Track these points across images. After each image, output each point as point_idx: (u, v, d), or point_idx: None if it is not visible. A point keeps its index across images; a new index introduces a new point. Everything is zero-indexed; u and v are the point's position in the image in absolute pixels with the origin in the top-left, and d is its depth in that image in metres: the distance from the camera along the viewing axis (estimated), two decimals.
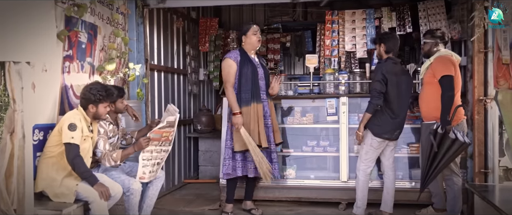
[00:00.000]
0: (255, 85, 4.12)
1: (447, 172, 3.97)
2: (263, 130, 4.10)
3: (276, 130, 4.26)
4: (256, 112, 4.09)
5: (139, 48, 4.70)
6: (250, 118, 4.08)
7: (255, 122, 4.08)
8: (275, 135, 4.24)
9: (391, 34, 4.17)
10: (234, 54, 4.18)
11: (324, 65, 5.58)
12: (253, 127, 4.07)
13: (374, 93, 3.92)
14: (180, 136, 5.93)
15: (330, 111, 4.64)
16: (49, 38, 3.30)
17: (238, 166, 4.18)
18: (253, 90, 4.10)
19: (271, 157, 4.19)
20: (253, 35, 4.18)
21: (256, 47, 4.23)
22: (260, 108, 4.12)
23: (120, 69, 4.43)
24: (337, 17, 5.41)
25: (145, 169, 3.60)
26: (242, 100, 4.10)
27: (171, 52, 5.71)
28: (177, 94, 5.85)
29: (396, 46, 4.04)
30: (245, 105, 4.09)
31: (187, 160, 6.16)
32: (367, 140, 4.04)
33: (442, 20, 4.90)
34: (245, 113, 4.09)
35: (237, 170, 4.18)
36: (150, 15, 5.04)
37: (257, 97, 4.10)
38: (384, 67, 3.95)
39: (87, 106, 3.40)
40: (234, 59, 4.14)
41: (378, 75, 3.92)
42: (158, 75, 5.30)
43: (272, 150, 4.19)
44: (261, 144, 4.06)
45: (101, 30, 4.12)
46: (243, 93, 4.11)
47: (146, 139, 3.56)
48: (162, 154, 3.73)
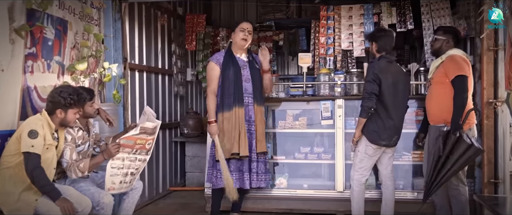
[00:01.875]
0: (237, 88, 3.81)
1: (455, 182, 3.64)
2: (244, 137, 3.78)
3: (259, 139, 3.90)
4: (237, 117, 3.77)
5: (116, 46, 4.33)
6: (232, 124, 3.77)
7: (236, 129, 3.77)
8: (258, 144, 3.88)
9: (384, 32, 3.83)
10: (217, 56, 3.92)
11: (318, 64, 5.36)
12: (235, 134, 3.77)
13: (365, 95, 3.61)
14: (165, 140, 5.61)
15: (325, 114, 4.36)
16: (3, 34, 2.92)
17: (219, 177, 3.87)
18: (236, 93, 3.79)
19: (250, 167, 3.86)
20: (240, 32, 3.85)
21: (240, 46, 3.90)
22: (242, 113, 3.80)
23: (96, 69, 4.06)
24: (332, 12, 5.12)
25: (114, 179, 3.24)
26: (225, 105, 3.81)
27: (155, 51, 5.36)
28: (162, 96, 5.50)
29: (390, 44, 3.73)
30: (227, 110, 3.80)
31: (173, 166, 5.85)
32: (361, 147, 3.70)
33: (446, 16, 4.63)
34: (227, 119, 3.79)
35: (218, 181, 3.87)
36: (131, 11, 4.69)
37: (239, 101, 3.79)
38: (377, 66, 3.64)
39: (55, 111, 3.06)
40: (216, 61, 3.87)
41: (369, 75, 3.62)
42: (140, 75, 4.94)
43: (253, 159, 3.86)
44: (239, 152, 3.74)
45: (72, 26, 3.76)
46: (226, 98, 3.82)
47: (116, 146, 3.21)
48: (137, 164, 3.36)
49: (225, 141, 3.79)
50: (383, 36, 3.73)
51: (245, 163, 3.85)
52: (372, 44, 3.77)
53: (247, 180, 3.84)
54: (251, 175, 3.88)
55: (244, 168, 3.86)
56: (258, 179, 3.92)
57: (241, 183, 3.84)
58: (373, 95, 3.56)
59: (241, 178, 3.85)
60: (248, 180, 3.86)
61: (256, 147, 3.88)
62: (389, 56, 3.71)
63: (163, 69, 5.55)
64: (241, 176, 3.86)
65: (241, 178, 3.85)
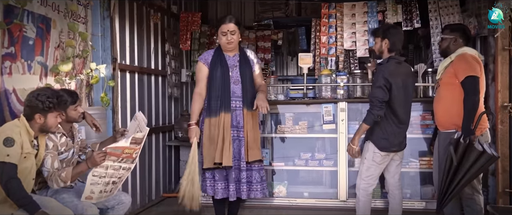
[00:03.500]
0: (224, 91, 3.51)
1: (469, 191, 3.40)
2: (229, 145, 3.48)
3: (251, 146, 3.57)
4: (223, 123, 3.49)
5: (105, 46, 4.07)
6: (217, 130, 3.49)
7: (220, 136, 3.48)
8: (249, 152, 3.55)
9: (397, 29, 3.55)
10: (206, 56, 3.63)
11: (319, 65, 5.15)
12: (219, 141, 3.48)
13: (376, 102, 3.31)
14: (159, 144, 5.35)
15: (326, 118, 4.18)
16: None
17: (209, 184, 3.62)
18: (223, 97, 3.51)
19: (240, 177, 3.56)
20: (222, 36, 3.54)
21: (226, 49, 3.60)
22: (228, 119, 3.49)
23: (82, 70, 3.80)
24: (334, 10, 4.93)
25: (94, 188, 2.98)
26: (211, 110, 3.52)
27: (148, 51, 5.11)
28: (155, 98, 5.25)
29: (401, 43, 3.47)
30: (213, 116, 3.51)
31: (167, 172, 5.59)
32: (368, 155, 3.44)
33: (456, 13, 4.43)
34: (214, 125, 3.51)
35: (208, 189, 3.62)
36: (121, 8, 4.43)
37: (226, 106, 3.50)
38: (387, 69, 3.35)
39: (33, 116, 2.81)
40: (204, 61, 3.59)
41: (380, 79, 3.31)
42: (131, 76, 4.68)
43: (241, 168, 3.55)
44: (222, 163, 3.46)
45: (56, 24, 3.50)
46: (212, 101, 3.53)
47: (101, 154, 2.94)
48: (121, 172, 3.11)
49: (211, 149, 3.51)
50: (397, 33, 3.45)
51: (232, 173, 3.55)
52: (383, 41, 3.44)
53: (233, 190, 3.55)
54: (241, 186, 3.57)
55: (230, 178, 3.56)
56: (251, 189, 3.61)
57: (227, 193, 3.56)
58: (384, 102, 3.29)
59: (226, 188, 3.58)
60: (234, 190, 3.56)
61: (247, 155, 3.56)
62: (399, 57, 3.45)
63: (156, 70, 5.30)
64: (226, 186, 3.59)
65: (227, 188, 3.58)
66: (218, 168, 3.54)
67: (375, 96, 3.31)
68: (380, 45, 3.45)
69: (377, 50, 3.50)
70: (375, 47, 3.54)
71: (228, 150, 3.46)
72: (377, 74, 3.38)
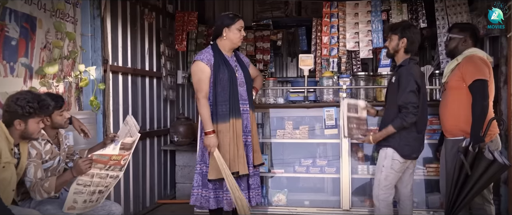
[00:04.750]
0: (233, 95, 3.35)
1: (479, 200, 3.23)
2: (243, 153, 3.35)
3: (255, 149, 3.48)
4: (235, 130, 3.33)
5: (95, 46, 3.88)
6: (229, 138, 3.33)
7: (234, 144, 3.33)
8: (255, 156, 3.45)
9: (417, 28, 3.33)
10: (207, 55, 3.37)
11: (321, 67, 4.96)
12: (232, 149, 3.32)
13: (411, 108, 3.04)
14: (154, 149, 5.17)
15: (328, 123, 3.98)
16: None
17: (211, 197, 3.41)
18: (232, 101, 3.34)
19: (249, 183, 3.43)
20: (238, 31, 3.40)
21: (236, 46, 3.48)
22: (239, 124, 3.35)
23: (71, 72, 3.61)
24: (336, 9, 4.75)
25: (77, 197, 2.78)
26: (219, 115, 3.33)
27: (142, 52, 4.92)
28: (149, 101, 5.06)
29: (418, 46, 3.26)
30: (222, 122, 3.33)
31: (162, 177, 5.41)
32: (386, 162, 3.22)
33: (464, 12, 4.26)
34: (223, 132, 3.33)
35: (210, 202, 3.41)
36: (113, 7, 4.25)
37: (236, 111, 3.35)
38: (414, 72, 3.13)
39: (12, 122, 2.64)
40: (207, 61, 3.35)
41: (412, 83, 3.06)
42: (124, 78, 4.49)
43: (251, 174, 3.43)
44: (239, 171, 3.31)
45: (42, 23, 3.32)
46: (219, 106, 3.35)
47: (87, 161, 2.73)
48: (108, 181, 2.90)
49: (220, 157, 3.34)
50: (417, 33, 3.23)
51: (242, 181, 3.42)
52: (400, 40, 3.18)
53: (246, 198, 3.41)
54: (250, 192, 3.45)
55: (242, 186, 3.42)
56: (254, 194, 3.51)
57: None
58: (417, 108, 3.08)
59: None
60: (247, 198, 3.42)
61: (254, 159, 3.46)
62: (416, 58, 3.25)
63: (150, 72, 5.10)
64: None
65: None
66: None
67: (409, 101, 3.05)
68: (396, 43, 3.20)
69: (392, 48, 3.23)
70: (389, 45, 3.25)
71: (243, 158, 3.33)
72: (405, 77, 3.10)
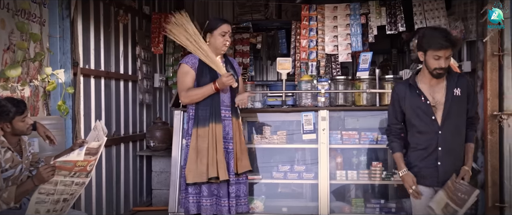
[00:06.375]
0: (214, 99, 3.31)
1: None
2: (222, 158, 3.28)
3: (239, 157, 3.41)
4: (214, 134, 3.28)
5: (64, 49, 3.73)
6: (208, 142, 3.27)
7: (213, 148, 3.27)
8: (238, 164, 3.38)
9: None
10: (191, 59, 3.38)
11: (299, 70, 4.95)
12: (211, 154, 3.26)
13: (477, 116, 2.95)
14: (129, 154, 5.03)
15: (306, 127, 3.89)
16: None
17: (192, 201, 3.35)
18: (212, 106, 3.30)
19: (229, 191, 3.34)
20: (221, 36, 3.33)
21: (220, 51, 3.40)
22: (220, 130, 3.30)
23: (37, 75, 3.45)
24: (315, 12, 4.73)
25: (39, 207, 2.64)
26: (199, 120, 3.30)
27: (116, 54, 4.77)
28: (124, 105, 4.92)
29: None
30: (201, 126, 3.29)
31: (138, 183, 5.25)
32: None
33: (441, 17, 4.28)
34: (202, 136, 3.28)
35: (190, 207, 3.35)
36: (85, 8, 4.11)
37: (216, 116, 3.30)
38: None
39: None
40: (191, 65, 3.35)
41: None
42: (96, 82, 4.35)
43: (231, 182, 3.34)
44: (219, 177, 3.24)
45: (4, 24, 3.18)
46: (200, 111, 3.32)
47: (49, 168, 2.59)
48: (73, 188, 2.77)
49: (198, 162, 3.29)
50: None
51: (222, 187, 3.33)
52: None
53: (225, 206, 3.33)
54: (230, 200, 3.35)
55: (221, 193, 3.34)
56: (238, 203, 3.42)
57: (217, 209, 3.34)
58: None
59: (217, 204, 3.34)
60: (226, 206, 3.34)
61: (237, 167, 3.39)
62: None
63: (125, 75, 4.96)
64: (217, 202, 3.35)
65: (218, 204, 3.34)
66: (207, 183, 3.30)
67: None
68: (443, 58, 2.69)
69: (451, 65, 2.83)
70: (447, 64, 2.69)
71: (223, 163, 3.27)
72: (472, 88, 2.85)
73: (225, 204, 3.33)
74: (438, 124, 2.70)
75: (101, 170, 4.31)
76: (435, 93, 2.72)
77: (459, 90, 2.71)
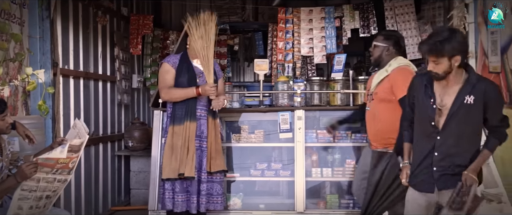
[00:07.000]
0: (191, 98, 3.43)
1: None
2: (192, 156, 3.37)
3: (213, 156, 3.49)
4: (188, 132, 3.39)
5: (44, 49, 3.74)
6: (182, 140, 3.38)
7: (185, 146, 3.38)
8: (211, 163, 3.47)
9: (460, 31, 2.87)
10: (173, 59, 3.53)
11: (276, 71, 5.04)
12: (182, 151, 3.37)
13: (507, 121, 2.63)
14: (107, 154, 5.03)
15: (283, 126, 3.99)
16: None
17: (167, 196, 3.44)
18: (188, 104, 3.41)
19: (199, 189, 3.43)
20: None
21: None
22: (193, 128, 3.40)
23: (17, 75, 3.46)
24: (291, 15, 4.83)
25: (22, 204, 2.66)
26: (175, 118, 3.42)
27: (95, 55, 4.78)
28: (102, 105, 4.93)
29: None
30: (177, 124, 3.41)
31: (116, 183, 5.26)
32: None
33: (412, 20, 4.43)
34: (177, 133, 3.39)
35: (167, 202, 3.44)
36: (64, 9, 4.12)
37: (191, 114, 3.41)
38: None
39: None
40: (172, 64, 3.48)
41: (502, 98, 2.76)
42: (75, 82, 4.36)
43: (202, 180, 3.43)
44: (185, 173, 3.34)
45: None
46: (177, 109, 3.43)
47: (32, 165, 2.63)
48: (56, 185, 2.80)
49: (173, 158, 3.38)
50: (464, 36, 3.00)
51: (193, 184, 3.43)
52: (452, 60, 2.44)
53: (194, 203, 3.42)
54: (200, 198, 3.45)
55: (191, 190, 3.44)
56: (210, 201, 3.52)
57: (187, 205, 3.42)
58: None
59: (188, 200, 3.43)
60: (195, 203, 3.42)
61: (210, 166, 3.47)
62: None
63: (104, 75, 4.97)
64: (188, 198, 3.44)
65: (188, 200, 3.44)
66: (179, 179, 3.39)
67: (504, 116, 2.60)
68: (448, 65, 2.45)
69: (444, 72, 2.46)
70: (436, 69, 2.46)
71: (192, 161, 3.36)
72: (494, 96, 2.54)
73: (194, 200, 3.41)
74: (438, 129, 2.51)
75: (80, 170, 4.31)
76: (446, 96, 2.52)
77: (472, 97, 2.46)
